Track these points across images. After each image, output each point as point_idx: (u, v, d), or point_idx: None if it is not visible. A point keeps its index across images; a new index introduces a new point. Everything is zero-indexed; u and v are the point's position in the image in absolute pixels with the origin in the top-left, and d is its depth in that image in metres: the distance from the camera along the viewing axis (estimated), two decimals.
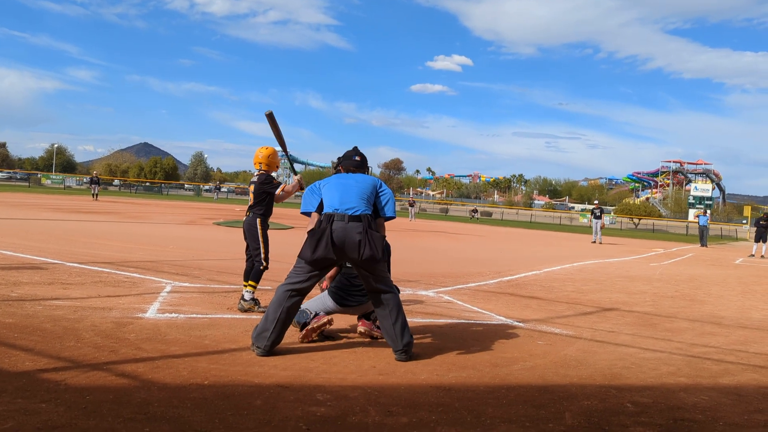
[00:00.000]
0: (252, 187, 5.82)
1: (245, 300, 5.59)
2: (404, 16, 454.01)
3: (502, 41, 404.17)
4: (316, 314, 4.68)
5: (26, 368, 3.46)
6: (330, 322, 4.64)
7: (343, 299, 4.78)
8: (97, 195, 34.20)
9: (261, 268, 5.65)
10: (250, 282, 5.65)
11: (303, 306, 4.68)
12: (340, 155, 4.84)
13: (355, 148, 4.89)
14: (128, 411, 2.92)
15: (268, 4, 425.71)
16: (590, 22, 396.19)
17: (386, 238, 4.56)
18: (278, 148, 5.90)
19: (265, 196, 5.73)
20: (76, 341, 4.10)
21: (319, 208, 4.48)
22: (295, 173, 5.79)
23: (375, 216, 4.48)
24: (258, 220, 5.72)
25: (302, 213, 4.58)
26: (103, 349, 3.97)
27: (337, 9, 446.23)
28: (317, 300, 4.88)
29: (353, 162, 4.73)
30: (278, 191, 5.71)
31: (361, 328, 4.86)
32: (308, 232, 4.35)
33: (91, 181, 36.17)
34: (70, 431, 2.64)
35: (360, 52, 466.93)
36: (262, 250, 5.66)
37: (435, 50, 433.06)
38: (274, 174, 5.97)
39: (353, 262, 4.34)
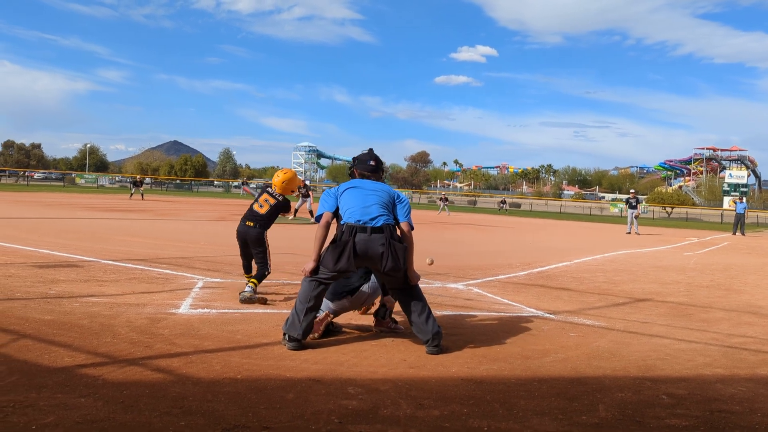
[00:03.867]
0: (272, 202, 6.09)
1: (245, 291, 5.80)
2: (428, 8, 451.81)
3: (528, 30, 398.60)
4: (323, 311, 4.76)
5: (65, 364, 3.55)
6: (329, 320, 4.68)
7: (335, 293, 4.72)
8: (133, 195, 34.78)
9: (267, 273, 6.03)
10: (254, 280, 5.90)
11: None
12: (356, 156, 4.77)
13: (371, 150, 4.78)
14: (164, 405, 2.98)
15: (292, 0, 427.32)
16: (617, 9, 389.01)
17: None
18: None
19: (277, 216, 6.16)
20: (113, 337, 4.19)
21: (335, 213, 4.43)
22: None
23: (395, 223, 4.44)
24: (265, 234, 6.07)
25: (316, 219, 4.50)
26: (139, 344, 4.05)
27: (361, 3, 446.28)
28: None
29: (368, 167, 4.62)
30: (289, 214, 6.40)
31: (376, 329, 4.87)
32: (330, 243, 4.31)
33: (134, 183, 36.98)
34: (108, 425, 2.70)
35: (384, 45, 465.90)
36: (269, 260, 6.05)
37: (459, 41, 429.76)
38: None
39: (376, 271, 4.36)
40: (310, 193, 21.21)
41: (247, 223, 6.05)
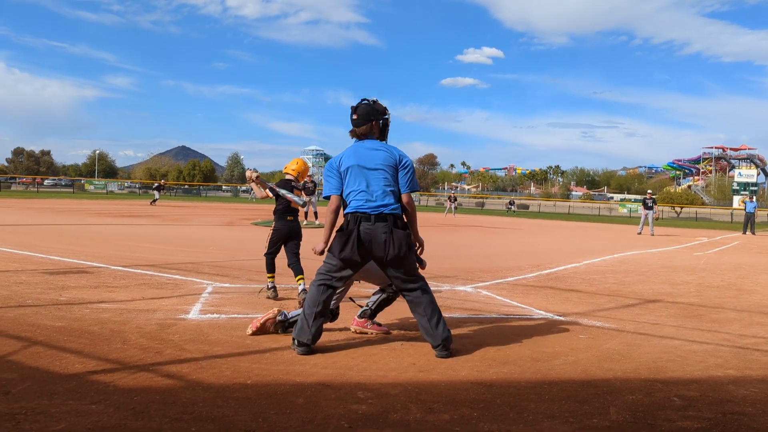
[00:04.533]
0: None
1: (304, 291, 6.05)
2: (433, 11, 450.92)
3: (534, 32, 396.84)
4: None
5: (76, 370, 3.56)
6: (382, 332, 4.81)
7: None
8: (156, 201, 34.42)
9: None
10: (301, 276, 6.20)
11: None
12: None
13: (361, 101, 4.40)
14: (174, 411, 2.99)
15: (298, 5, 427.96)
16: (624, 9, 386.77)
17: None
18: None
19: None
20: (123, 343, 4.21)
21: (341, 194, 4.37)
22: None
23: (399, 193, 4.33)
24: None
25: (325, 197, 4.49)
26: (149, 350, 4.07)
27: (367, 7, 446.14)
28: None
29: (352, 122, 4.34)
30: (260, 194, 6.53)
31: (352, 328, 4.85)
32: (336, 232, 4.33)
33: (158, 188, 37.16)
34: (120, 431, 2.71)
35: (390, 48, 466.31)
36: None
37: (465, 43, 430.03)
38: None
39: (379, 261, 4.30)
40: (316, 189, 21.21)
41: (288, 218, 6.35)
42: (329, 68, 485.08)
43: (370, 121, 4.34)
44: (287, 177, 6.62)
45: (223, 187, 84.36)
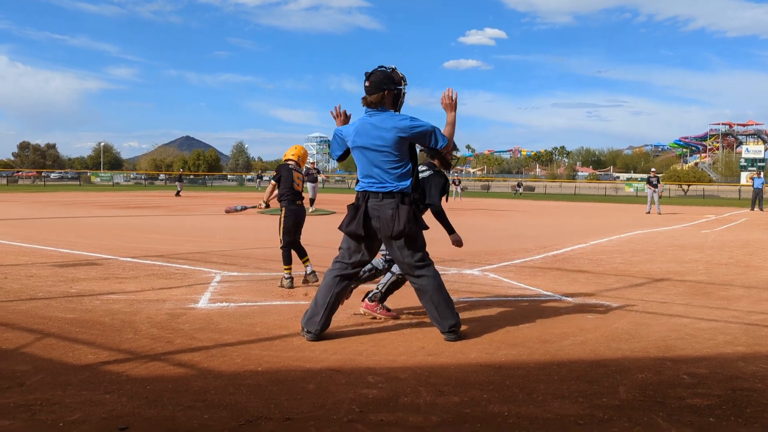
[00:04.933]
0: (303, 178, 6.58)
1: (311, 275, 6.41)
2: None
3: (537, 12, 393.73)
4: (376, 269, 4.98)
5: (89, 361, 3.60)
6: (391, 317, 4.85)
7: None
8: (180, 192, 34.14)
9: None
10: (307, 258, 6.48)
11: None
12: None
13: (377, 68, 4.26)
14: (187, 399, 3.02)
15: None
16: None
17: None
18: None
19: None
20: (134, 333, 4.25)
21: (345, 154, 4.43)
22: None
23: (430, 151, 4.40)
24: None
25: (333, 157, 4.58)
26: (160, 340, 4.10)
27: None
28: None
29: (366, 89, 4.18)
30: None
31: (362, 310, 4.87)
32: (348, 206, 4.36)
33: (179, 179, 37.35)
34: (134, 420, 2.75)
35: (392, 32, 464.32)
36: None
37: (467, 25, 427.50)
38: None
39: (386, 239, 4.22)
40: (318, 176, 21.20)
41: (297, 202, 6.41)
42: (331, 54, 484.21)
43: (383, 90, 4.14)
44: (288, 162, 6.59)
45: (228, 176, 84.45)
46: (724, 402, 3.11)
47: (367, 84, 4.17)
